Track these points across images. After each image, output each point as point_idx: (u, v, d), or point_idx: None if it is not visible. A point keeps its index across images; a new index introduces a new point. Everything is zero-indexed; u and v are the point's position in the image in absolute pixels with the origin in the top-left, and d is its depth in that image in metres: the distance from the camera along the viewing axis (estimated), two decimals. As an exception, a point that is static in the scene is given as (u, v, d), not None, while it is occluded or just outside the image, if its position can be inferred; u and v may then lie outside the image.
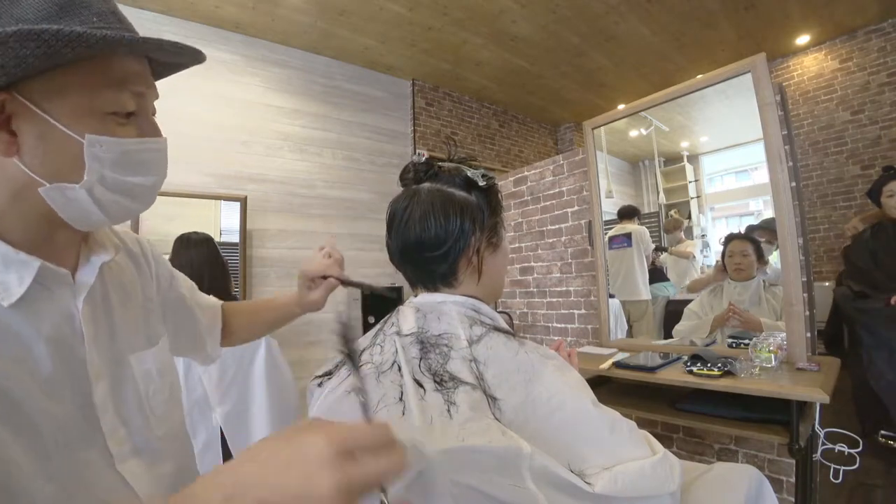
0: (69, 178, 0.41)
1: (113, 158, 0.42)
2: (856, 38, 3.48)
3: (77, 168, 0.41)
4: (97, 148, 0.41)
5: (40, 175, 0.40)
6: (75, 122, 0.40)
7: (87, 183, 0.42)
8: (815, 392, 1.12)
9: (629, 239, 2.10)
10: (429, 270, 0.66)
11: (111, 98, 0.42)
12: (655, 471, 0.54)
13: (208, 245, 1.76)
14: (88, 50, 0.37)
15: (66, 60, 0.38)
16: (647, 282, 2.10)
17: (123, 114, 0.43)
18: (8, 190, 0.41)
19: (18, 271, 0.41)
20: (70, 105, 0.40)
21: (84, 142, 0.40)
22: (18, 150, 0.39)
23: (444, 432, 0.49)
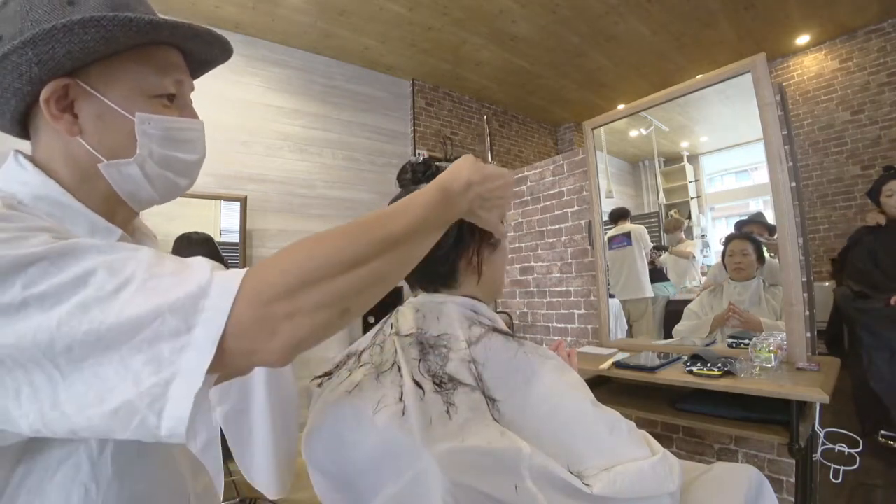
0: (124, 154, 0.46)
1: (160, 135, 0.47)
2: (856, 38, 3.48)
3: (130, 144, 0.46)
4: (147, 125, 0.46)
5: (100, 153, 0.45)
6: (128, 104, 0.45)
7: (139, 157, 0.46)
8: (815, 392, 1.12)
9: (629, 238, 2.10)
10: (429, 273, 0.66)
11: (156, 82, 0.47)
12: (655, 471, 0.54)
13: (208, 245, 1.76)
14: (138, 35, 0.43)
15: (121, 45, 0.43)
16: (649, 279, 2.10)
17: (167, 96, 0.48)
18: (74, 168, 0.45)
19: (104, 237, 0.46)
20: (123, 89, 0.45)
21: (135, 119, 0.45)
22: (81, 131, 0.44)
23: (444, 433, 0.49)
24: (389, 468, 0.52)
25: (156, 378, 0.30)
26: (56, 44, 0.39)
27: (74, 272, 0.31)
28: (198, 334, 0.31)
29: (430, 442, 0.49)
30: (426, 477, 0.48)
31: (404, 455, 0.50)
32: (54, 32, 0.39)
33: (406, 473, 0.50)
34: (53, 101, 0.42)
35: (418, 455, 0.49)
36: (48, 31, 0.39)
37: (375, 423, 0.54)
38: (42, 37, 0.39)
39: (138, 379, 0.30)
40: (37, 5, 0.41)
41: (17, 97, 0.43)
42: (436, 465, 0.47)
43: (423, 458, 0.48)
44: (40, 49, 0.39)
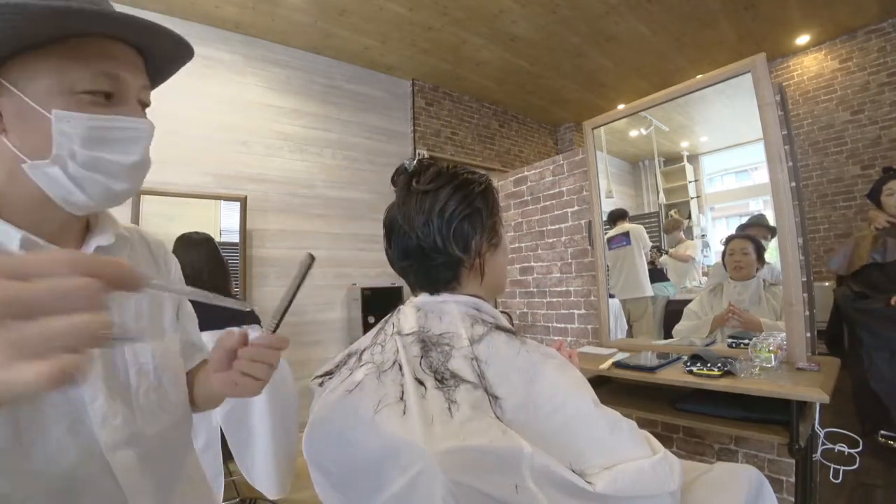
0: (44, 155, 0.42)
1: (82, 134, 0.43)
2: (856, 38, 3.48)
3: (49, 144, 0.42)
4: (65, 123, 0.42)
5: (23, 153, 0.42)
6: (47, 101, 0.41)
7: (57, 158, 0.42)
8: (815, 392, 1.12)
9: (627, 237, 2.11)
10: (431, 278, 0.66)
11: (81, 76, 0.42)
12: (655, 470, 0.54)
13: (208, 245, 1.76)
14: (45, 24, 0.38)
15: (37, 38, 0.39)
16: (649, 278, 2.10)
17: (101, 94, 0.44)
18: (4, 171, 0.43)
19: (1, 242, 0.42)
20: (43, 84, 0.41)
21: (52, 117, 0.41)
22: (4, 130, 0.42)
23: (445, 432, 0.49)
24: (390, 467, 0.52)
25: None
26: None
27: None
28: None
29: (431, 441, 0.49)
30: (427, 476, 0.48)
31: (405, 454, 0.50)
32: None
33: (407, 473, 0.50)
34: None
35: (419, 454, 0.49)
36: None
37: (376, 423, 0.54)
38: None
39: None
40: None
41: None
42: (436, 464, 0.47)
43: (424, 457, 0.48)
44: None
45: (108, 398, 0.48)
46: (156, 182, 2.44)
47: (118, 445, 0.47)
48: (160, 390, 0.54)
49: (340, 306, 3.25)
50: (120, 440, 0.47)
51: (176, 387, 0.57)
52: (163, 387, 0.55)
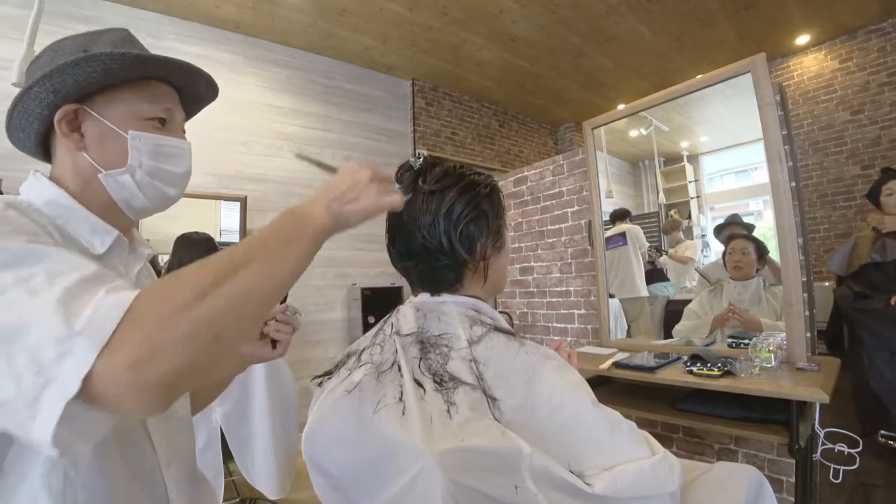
0: (119, 166, 0.55)
1: (149, 149, 0.57)
2: (856, 38, 3.48)
3: (124, 157, 0.56)
4: (138, 141, 0.56)
5: (100, 165, 0.55)
6: (123, 124, 0.55)
7: (130, 167, 0.56)
8: (815, 392, 1.12)
9: (624, 237, 2.11)
10: (436, 280, 0.66)
11: (147, 108, 0.57)
12: (655, 471, 0.54)
13: (208, 245, 1.76)
14: (130, 68, 0.53)
15: (118, 77, 0.53)
16: (644, 279, 2.10)
17: (158, 120, 0.58)
18: (80, 178, 0.55)
19: (101, 237, 0.55)
20: (120, 113, 0.55)
21: (128, 136, 0.55)
22: (86, 147, 0.54)
23: (444, 433, 0.49)
24: (389, 468, 0.52)
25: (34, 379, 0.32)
26: (66, 76, 0.50)
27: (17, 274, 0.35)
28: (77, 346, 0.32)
29: (430, 442, 0.49)
30: (426, 477, 0.48)
31: (404, 455, 0.50)
32: (65, 67, 0.49)
33: (406, 473, 0.50)
34: (65, 122, 0.52)
35: (418, 455, 0.49)
36: (61, 66, 0.49)
37: (375, 423, 0.54)
38: (57, 71, 0.49)
39: (20, 378, 0.32)
40: (61, 54, 0.53)
41: (38, 120, 0.53)
42: (436, 464, 0.47)
43: (424, 457, 0.48)
44: (55, 80, 0.50)
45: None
46: (156, 182, 2.44)
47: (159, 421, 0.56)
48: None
49: (340, 306, 3.25)
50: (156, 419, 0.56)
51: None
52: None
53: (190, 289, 0.36)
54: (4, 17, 2.21)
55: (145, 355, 0.32)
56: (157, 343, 0.33)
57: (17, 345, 0.32)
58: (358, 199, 0.51)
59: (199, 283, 0.37)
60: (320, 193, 0.51)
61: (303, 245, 0.47)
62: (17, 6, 2.21)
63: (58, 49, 0.55)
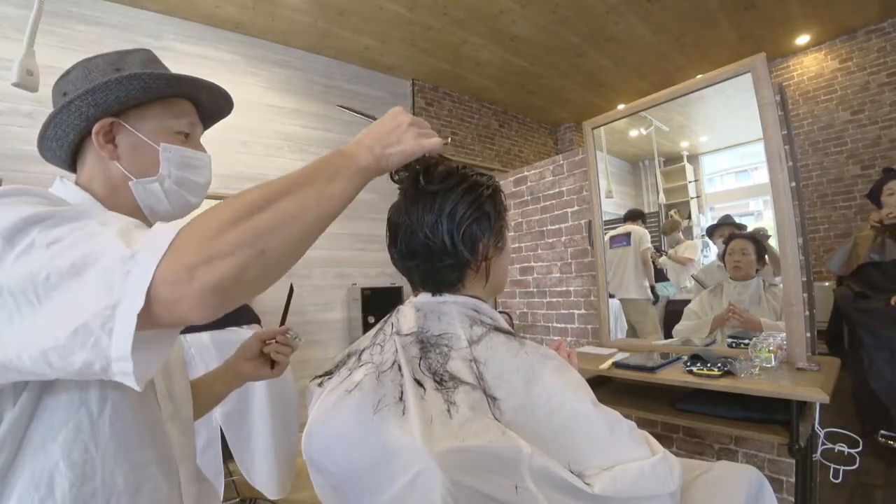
0: (150, 175, 0.61)
1: (177, 160, 0.62)
2: (856, 38, 3.48)
3: (155, 167, 0.61)
4: (168, 153, 0.61)
5: (131, 174, 0.60)
6: (154, 137, 0.61)
7: (161, 177, 0.61)
8: (815, 392, 1.12)
9: (628, 238, 2.10)
10: (437, 280, 0.66)
11: (175, 123, 0.63)
12: (655, 471, 0.54)
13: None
14: (167, 86, 0.60)
15: (153, 95, 0.59)
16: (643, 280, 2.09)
17: (183, 134, 0.64)
18: (109, 185, 0.60)
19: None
20: (152, 126, 0.61)
21: (160, 148, 0.61)
22: (118, 157, 0.59)
23: (444, 432, 0.49)
24: (390, 468, 0.52)
25: (107, 300, 0.35)
26: (109, 92, 0.55)
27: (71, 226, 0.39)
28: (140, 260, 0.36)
29: (430, 442, 0.49)
30: (426, 477, 0.48)
31: (404, 455, 0.50)
32: (109, 84, 0.55)
33: (406, 473, 0.50)
34: (102, 134, 0.57)
35: (418, 455, 0.49)
36: (105, 83, 0.55)
37: (376, 423, 0.54)
38: (100, 87, 0.55)
39: (93, 301, 0.35)
40: (94, 72, 0.58)
41: (75, 132, 0.58)
42: (436, 464, 0.47)
43: (424, 457, 0.48)
44: (98, 96, 0.55)
45: (162, 377, 0.62)
46: (156, 182, 2.44)
47: (169, 418, 0.60)
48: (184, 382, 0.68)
49: (340, 306, 3.25)
50: (168, 414, 0.60)
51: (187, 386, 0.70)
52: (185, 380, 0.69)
53: (239, 207, 0.40)
54: (4, 17, 2.22)
55: (200, 260, 0.36)
56: (210, 250, 0.37)
57: (92, 271, 0.36)
58: (400, 141, 0.54)
59: (247, 204, 0.41)
60: (364, 136, 0.54)
61: (345, 180, 0.50)
62: (17, 6, 2.21)
63: (90, 67, 0.59)
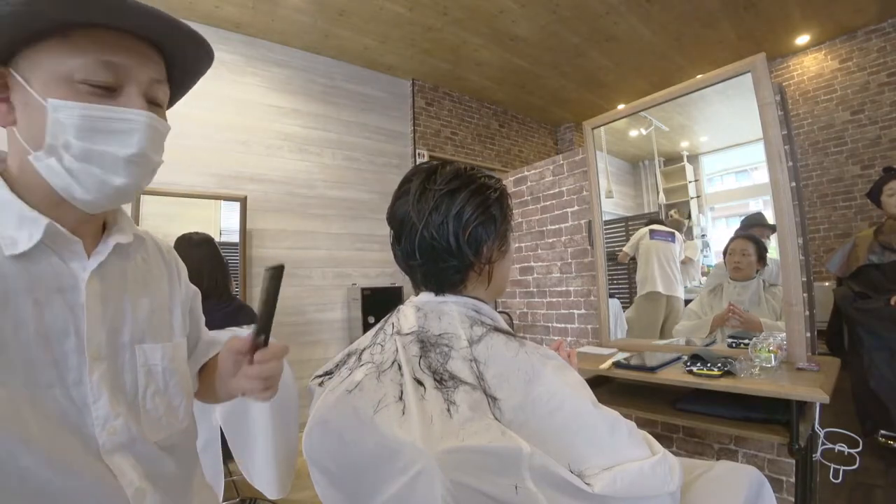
0: (40, 146, 0.42)
1: (76, 123, 0.42)
2: (856, 38, 3.48)
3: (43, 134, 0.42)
4: (60, 113, 0.41)
5: (29, 144, 0.43)
6: (47, 90, 0.41)
7: (51, 148, 0.42)
8: (815, 392, 1.12)
9: (673, 236, 2.05)
10: (439, 279, 0.66)
11: (78, 64, 0.41)
12: (655, 471, 0.54)
13: (209, 245, 1.76)
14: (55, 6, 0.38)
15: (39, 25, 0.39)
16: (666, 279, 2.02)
17: (101, 86, 0.43)
18: (18, 161, 0.44)
19: (29, 229, 0.43)
20: (44, 73, 0.41)
21: (47, 106, 0.41)
22: (15, 122, 0.42)
23: (444, 432, 0.49)
24: (390, 467, 0.52)
25: None
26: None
27: None
28: None
29: (430, 441, 0.49)
30: (426, 476, 0.48)
31: (404, 454, 0.50)
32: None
33: (406, 473, 0.50)
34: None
35: (418, 454, 0.49)
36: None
37: (376, 423, 0.54)
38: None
39: None
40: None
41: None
42: (436, 464, 0.47)
43: (424, 457, 0.48)
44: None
45: (111, 399, 0.47)
46: (156, 182, 2.39)
47: (116, 449, 0.47)
48: (166, 395, 0.55)
49: (340, 306, 3.25)
50: (119, 443, 0.47)
51: (181, 393, 0.58)
52: (169, 392, 0.56)
53: None
54: (4, 17, 2.21)
55: None
56: None
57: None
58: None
59: None
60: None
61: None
62: (18, 6, 2.21)
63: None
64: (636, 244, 2.08)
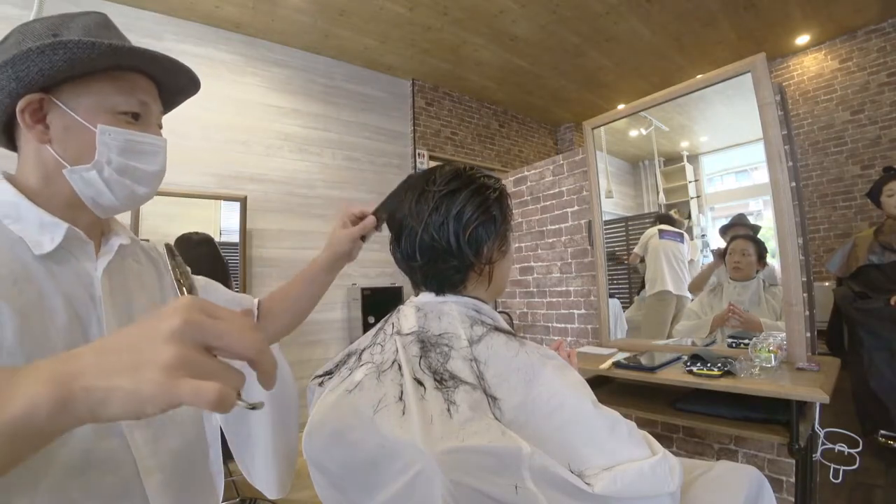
0: (85, 161, 0.52)
1: (119, 145, 0.53)
2: (856, 38, 3.48)
3: (91, 153, 0.52)
4: (106, 136, 0.52)
5: (65, 160, 0.52)
6: (92, 117, 0.52)
7: (98, 164, 0.53)
8: (815, 392, 1.12)
9: (682, 237, 2.04)
10: (439, 279, 0.66)
11: (120, 101, 0.53)
12: (655, 472, 0.54)
13: (209, 245, 1.76)
14: (101, 57, 0.49)
15: (87, 67, 0.50)
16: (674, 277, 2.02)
17: (131, 114, 0.55)
18: (42, 173, 0.52)
19: (51, 233, 0.51)
20: (89, 104, 0.52)
21: (97, 131, 0.52)
22: (50, 140, 0.51)
23: (445, 432, 0.49)
24: (389, 468, 0.52)
25: None
26: (31, 63, 0.46)
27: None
28: None
29: (430, 441, 0.49)
30: (426, 476, 0.48)
31: (404, 455, 0.50)
32: (29, 54, 0.46)
33: (406, 473, 0.50)
34: (28, 112, 0.49)
35: (419, 454, 0.49)
36: (24, 53, 0.46)
37: (376, 423, 0.54)
38: (20, 57, 0.46)
39: None
40: (28, 37, 0.50)
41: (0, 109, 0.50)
42: (436, 464, 0.47)
43: (424, 457, 0.48)
44: (18, 68, 0.46)
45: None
46: (156, 182, 2.44)
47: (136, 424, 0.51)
48: None
49: (340, 306, 3.25)
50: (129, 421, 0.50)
51: None
52: None
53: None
54: (4, 18, 2.21)
55: None
56: None
57: None
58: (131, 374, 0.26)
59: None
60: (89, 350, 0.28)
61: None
62: (18, 6, 2.21)
63: (26, 32, 0.51)
64: (645, 244, 2.08)
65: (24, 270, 0.48)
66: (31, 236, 0.50)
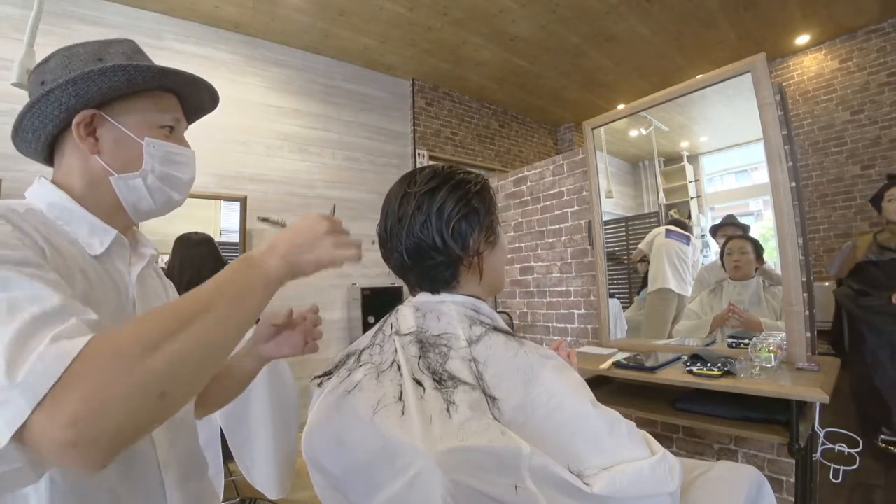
0: (132, 170, 0.59)
1: (161, 155, 0.61)
2: (856, 38, 3.48)
3: (138, 162, 0.59)
4: (152, 147, 0.60)
5: (112, 168, 0.58)
6: (138, 131, 0.59)
7: (144, 172, 0.60)
8: (815, 392, 1.12)
9: (688, 239, 2.04)
10: (430, 277, 0.66)
11: (160, 117, 0.61)
12: (654, 471, 0.54)
13: (209, 245, 1.76)
14: (152, 79, 0.58)
15: (138, 87, 0.57)
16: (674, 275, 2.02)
17: (168, 128, 0.62)
18: (87, 180, 0.58)
19: (100, 237, 0.57)
20: (136, 120, 0.59)
21: (144, 143, 0.59)
22: (99, 151, 0.57)
23: (444, 432, 0.49)
24: (389, 468, 0.52)
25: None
26: (92, 83, 0.53)
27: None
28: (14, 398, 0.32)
29: (429, 441, 0.49)
30: (426, 477, 0.48)
31: (404, 455, 0.50)
32: (92, 74, 0.53)
33: (406, 473, 0.50)
34: (83, 126, 0.55)
35: (418, 455, 0.49)
36: (88, 73, 0.52)
37: (375, 423, 0.54)
38: (83, 77, 0.52)
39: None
40: (74, 61, 0.56)
41: (53, 123, 0.55)
42: (436, 464, 0.47)
43: (423, 457, 0.48)
44: (80, 86, 0.53)
45: None
46: (156, 182, 2.44)
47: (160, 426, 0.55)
48: None
49: (340, 306, 3.25)
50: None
51: None
52: None
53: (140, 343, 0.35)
54: (4, 17, 2.21)
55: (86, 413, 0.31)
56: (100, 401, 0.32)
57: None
58: (314, 251, 0.52)
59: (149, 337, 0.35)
60: (278, 241, 0.51)
61: (257, 296, 0.46)
62: (17, 6, 2.21)
63: (70, 56, 0.57)
64: (651, 241, 2.08)
65: (82, 265, 0.53)
66: (83, 239, 0.56)
